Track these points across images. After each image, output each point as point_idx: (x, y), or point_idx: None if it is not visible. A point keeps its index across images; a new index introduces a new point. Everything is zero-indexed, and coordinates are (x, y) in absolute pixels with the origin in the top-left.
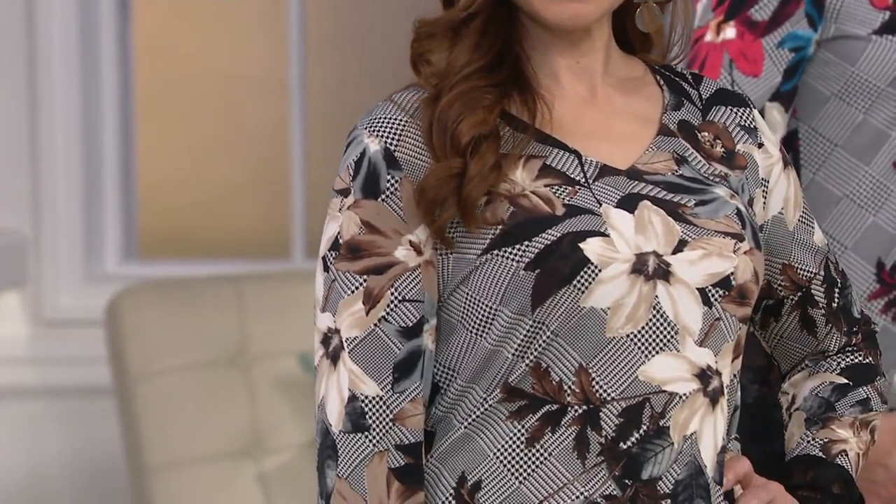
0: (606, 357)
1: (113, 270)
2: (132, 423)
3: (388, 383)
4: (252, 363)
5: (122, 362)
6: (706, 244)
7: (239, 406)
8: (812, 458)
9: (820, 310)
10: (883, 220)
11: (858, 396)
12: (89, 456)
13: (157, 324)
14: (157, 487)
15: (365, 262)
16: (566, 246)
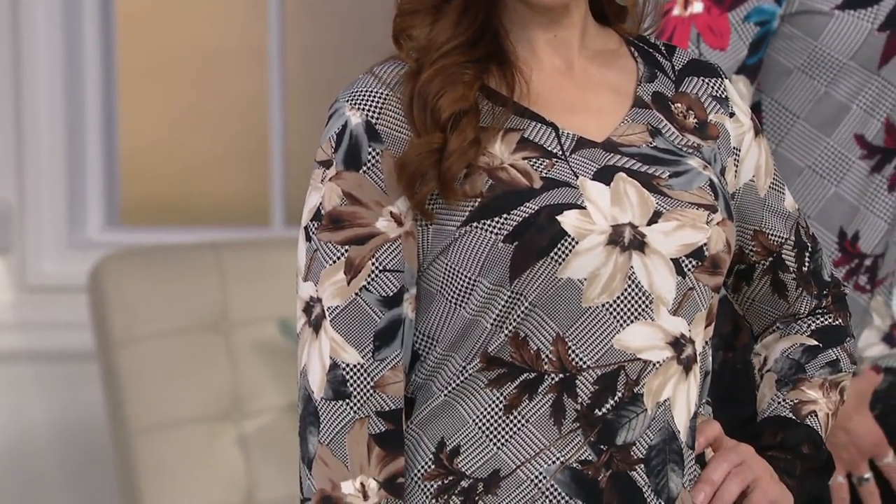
0: (583, 326)
1: (95, 237)
2: (115, 387)
3: (368, 351)
4: (232, 328)
5: (105, 328)
6: (680, 215)
7: (219, 370)
8: (782, 419)
9: (791, 274)
10: (844, 191)
11: (828, 358)
12: (73, 419)
13: (139, 290)
14: (139, 450)
15: (346, 233)
16: (544, 219)
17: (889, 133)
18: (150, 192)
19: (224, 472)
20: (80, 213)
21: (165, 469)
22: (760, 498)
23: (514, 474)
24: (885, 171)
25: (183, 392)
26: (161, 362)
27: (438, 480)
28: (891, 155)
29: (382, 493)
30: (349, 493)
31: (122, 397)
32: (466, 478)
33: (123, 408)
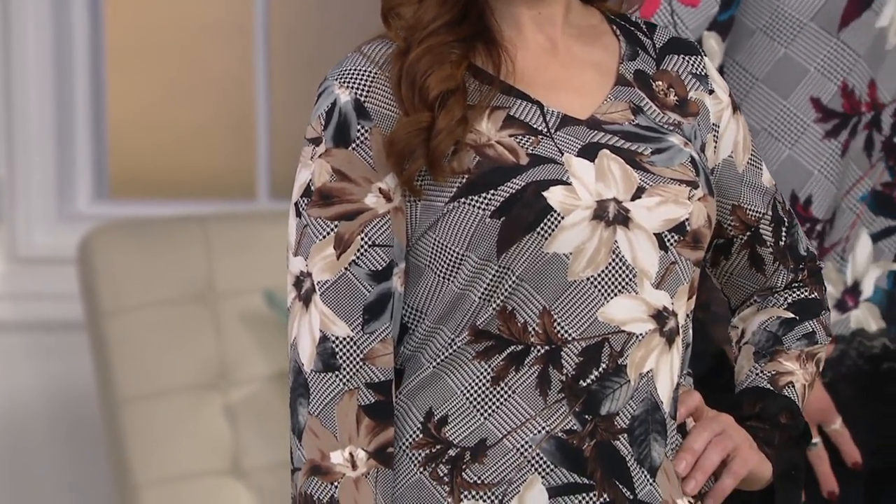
0: (568, 300)
1: (84, 210)
2: (103, 356)
3: (357, 325)
4: (219, 299)
5: (94, 298)
6: (663, 191)
7: (206, 340)
8: (760, 390)
9: (768, 248)
10: (798, 154)
11: (804, 330)
12: (62, 389)
13: (127, 262)
14: (127, 419)
15: (336, 209)
16: (530, 194)
17: (846, 98)
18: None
19: (211, 440)
20: (70, 187)
21: (153, 437)
22: (740, 466)
23: (501, 443)
24: (841, 136)
25: (170, 362)
26: (149, 332)
27: (426, 449)
28: (847, 120)
29: (371, 462)
30: (338, 462)
31: (110, 367)
32: (454, 447)
33: (112, 377)
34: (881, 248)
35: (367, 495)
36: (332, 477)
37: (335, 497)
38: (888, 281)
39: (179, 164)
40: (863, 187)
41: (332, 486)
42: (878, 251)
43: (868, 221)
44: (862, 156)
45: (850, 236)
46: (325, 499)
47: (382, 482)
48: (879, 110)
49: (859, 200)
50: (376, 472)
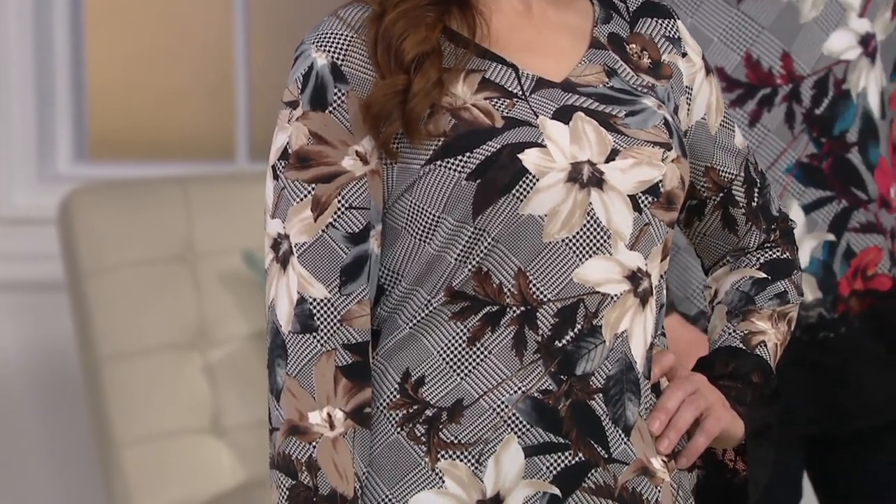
0: (543, 261)
1: (65, 171)
2: (84, 316)
3: (335, 286)
4: (198, 260)
5: (74, 259)
6: (636, 153)
7: (186, 300)
8: (733, 350)
9: (740, 209)
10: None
11: (776, 290)
12: (43, 348)
13: (107, 222)
14: (108, 378)
15: (313, 171)
16: (505, 157)
17: (750, 68)
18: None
19: (190, 399)
20: (50, 148)
21: (133, 396)
22: (713, 425)
23: (477, 403)
24: (747, 106)
25: (150, 321)
26: (129, 293)
27: (403, 409)
28: (754, 91)
29: (349, 422)
30: (316, 423)
31: (90, 326)
32: (430, 407)
33: (92, 336)
34: (814, 218)
35: (345, 455)
36: (310, 437)
37: (313, 457)
38: (823, 251)
39: (159, 125)
40: (787, 159)
41: (310, 446)
42: (810, 222)
43: (797, 193)
44: (783, 128)
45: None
46: (304, 458)
47: (360, 442)
48: (798, 83)
49: (785, 172)
50: (353, 433)
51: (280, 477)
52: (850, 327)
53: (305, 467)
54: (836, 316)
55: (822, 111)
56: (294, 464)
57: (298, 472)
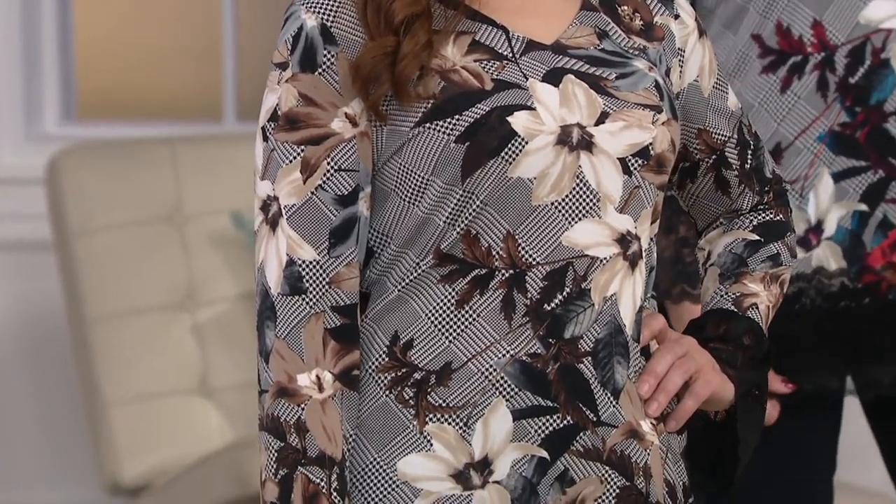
0: (532, 224)
1: (52, 131)
2: (72, 277)
3: (324, 248)
4: (186, 220)
5: (62, 219)
6: (627, 116)
7: (174, 261)
8: (725, 312)
9: (733, 171)
10: (744, 88)
11: (769, 252)
12: (31, 308)
13: (95, 183)
14: (96, 338)
15: (302, 133)
16: (494, 119)
17: (781, 36)
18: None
19: (179, 360)
20: (37, 108)
21: (122, 356)
22: (702, 388)
23: (466, 367)
24: (779, 72)
25: (138, 282)
26: (117, 253)
27: (392, 372)
28: (785, 57)
29: (337, 384)
30: (305, 385)
31: (79, 287)
32: (419, 370)
33: (80, 297)
34: (844, 187)
35: (334, 417)
36: (299, 399)
37: (302, 419)
38: (853, 221)
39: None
40: (819, 127)
41: (300, 408)
42: (840, 191)
43: (828, 161)
44: (815, 96)
45: (810, 175)
46: (292, 420)
47: (348, 404)
48: (831, 51)
49: (817, 140)
50: (342, 395)
51: (269, 439)
52: (876, 299)
53: (294, 429)
54: (859, 286)
55: (858, 80)
56: (283, 426)
57: (287, 433)
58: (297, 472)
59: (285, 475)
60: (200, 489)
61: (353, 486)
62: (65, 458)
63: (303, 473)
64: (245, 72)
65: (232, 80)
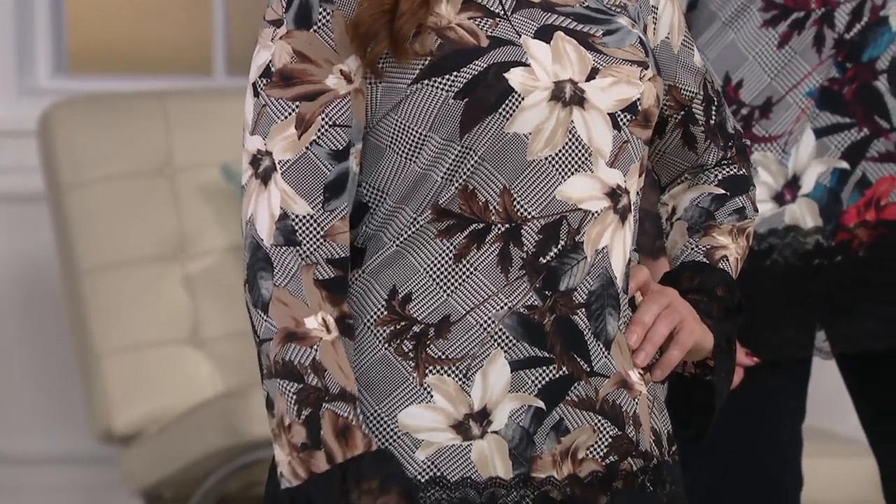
0: (527, 179)
1: (44, 84)
2: (64, 229)
3: (318, 203)
4: (177, 173)
5: (55, 172)
6: (615, 72)
7: (165, 213)
8: (698, 264)
9: (700, 127)
10: (739, 39)
11: (735, 206)
12: (24, 259)
13: (87, 136)
14: (88, 289)
15: (297, 90)
16: (492, 76)
17: None
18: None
19: (170, 310)
20: (29, 61)
21: (114, 308)
22: (686, 338)
23: (464, 319)
24: (780, 27)
25: (130, 234)
26: (109, 205)
27: (391, 326)
28: (788, 13)
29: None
30: (313, 327)
31: (71, 239)
32: (418, 323)
33: (73, 249)
34: (826, 143)
35: (344, 356)
36: (310, 341)
37: (317, 359)
38: (832, 178)
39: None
40: (810, 83)
41: (312, 350)
42: (821, 147)
43: (812, 116)
44: (811, 52)
45: (794, 130)
46: (307, 362)
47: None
48: (832, 7)
49: (806, 95)
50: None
51: (283, 384)
52: (847, 256)
53: (311, 370)
54: (833, 244)
55: (852, 36)
56: (297, 368)
57: (304, 375)
58: (323, 410)
59: (310, 414)
60: (191, 438)
61: None
62: (57, 407)
63: (329, 410)
64: (235, 26)
65: (222, 34)
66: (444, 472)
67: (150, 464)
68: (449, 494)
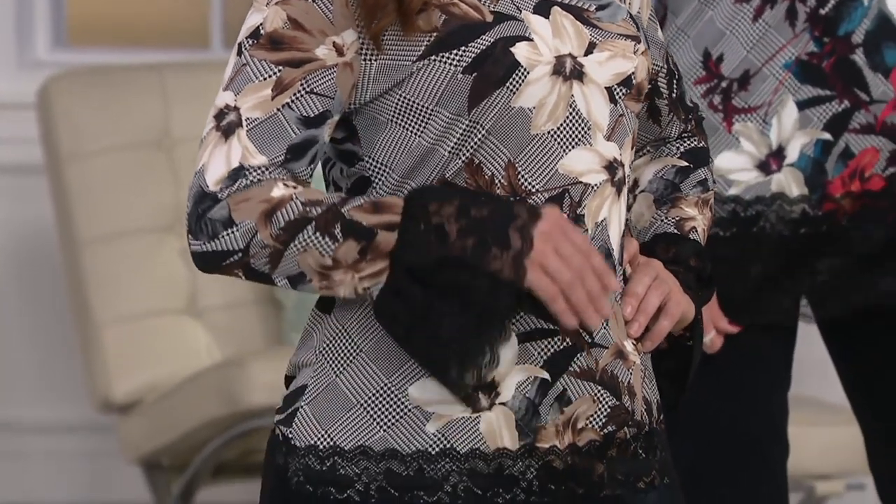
0: (531, 152)
1: (43, 57)
2: (64, 200)
3: (278, 161)
4: (175, 145)
5: (54, 144)
6: (611, 46)
7: (163, 185)
8: (671, 236)
9: (664, 100)
10: (717, 15)
11: (698, 177)
12: (24, 230)
13: (85, 108)
14: (87, 260)
15: (283, 55)
16: (499, 50)
17: None
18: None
19: (168, 280)
20: (29, 34)
21: (112, 278)
22: (675, 308)
23: None
24: (753, 2)
25: (128, 205)
26: (107, 177)
27: None
28: None
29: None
30: (282, 191)
31: (70, 210)
32: None
33: (72, 220)
34: (808, 115)
35: (316, 191)
36: (287, 198)
37: (304, 200)
38: (816, 149)
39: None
40: (786, 55)
41: (294, 200)
42: (804, 118)
43: (793, 89)
44: (784, 25)
45: (773, 101)
46: (297, 211)
47: None
48: None
49: (783, 67)
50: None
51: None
52: (833, 226)
53: (308, 207)
54: (819, 213)
55: (827, 11)
56: (297, 219)
57: (306, 216)
58: (346, 213)
59: (342, 226)
60: (189, 406)
61: (363, 411)
62: (56, 376)
63: (349, 209)
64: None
65: (219, 7)
66: (454, 444)
67: (149, 432)
68: (459, 466)
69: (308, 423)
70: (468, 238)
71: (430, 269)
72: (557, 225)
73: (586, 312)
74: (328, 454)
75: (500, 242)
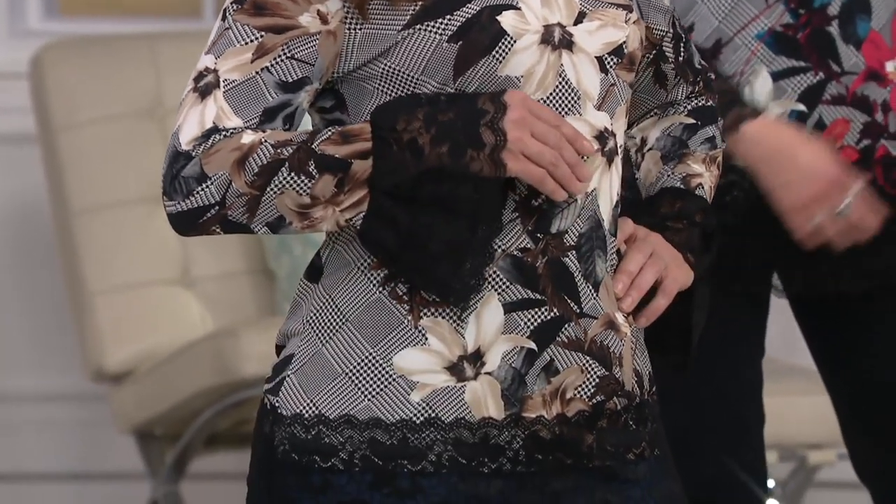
0: None
1: (36, 26)
2: (56, 170)
3: (253, 123)
4: (167, 115)
5: (46, 113)
6: (602, 15)
7: (155, 154)
8: (677, 190)
9: (670, 64)
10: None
11: (706, 135)
12: (16, 199)
13: (78, 78)
14: (80, 230)
15: (266, 20)
16: (485, 19)
17: None
18: None
19: (161, 250)
20: (20, 3)
21: (105, 248)
22: (671, 285)
23: None
24: None
25: (121, 175)
26: (100, 147)
27: (385, 269)
28: None
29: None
30: (251, 137)
31: (63, 180)
32: None
33: (64, 190)
34: (783, 86)
35: (284, 133)
36: (258, 144)
37: (273, 142)
38: (790, 120)
39: None
40: (758, 25)
41: (265, 143)
42: (778, 89)
43: (767, 60)
44: None
45: (745, 71)
46: (268, 154)
47: None
48: None
49: (755, 38)
50: None
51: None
52: None
53: (278, 149)
54: None
55: None
56: (270, 162)
57: (278, 157)
58: (317, 148)
59: (316, 160)
60: (182, 376)
61: (348, 381)
62: (50, 345)
63: (320, 144)
64: None
65: None
66: (438, 413)
67: (142, 402)
68: (443, 435)
69: (294, 392)
70: (441, 145)
71: (411, 187)
72: (525, 108)
73: (570, 183)
74: (313, 423)
75: (473, 142)
